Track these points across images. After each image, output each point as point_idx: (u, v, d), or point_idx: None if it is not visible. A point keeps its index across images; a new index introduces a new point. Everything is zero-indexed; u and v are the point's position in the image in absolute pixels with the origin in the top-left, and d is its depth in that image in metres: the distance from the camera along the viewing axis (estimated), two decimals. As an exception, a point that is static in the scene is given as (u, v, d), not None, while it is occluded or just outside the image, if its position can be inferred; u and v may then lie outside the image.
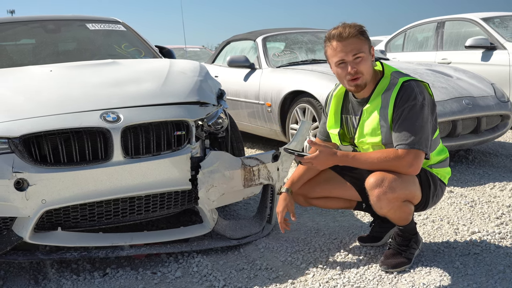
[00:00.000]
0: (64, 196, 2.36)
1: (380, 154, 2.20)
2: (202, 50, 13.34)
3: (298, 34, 5.62)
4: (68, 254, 2.48)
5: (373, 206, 2.26)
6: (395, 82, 2.26)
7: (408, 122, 2.18)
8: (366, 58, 2.23)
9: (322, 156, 2.22)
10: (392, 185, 2.16)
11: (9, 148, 2.34)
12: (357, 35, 2.22)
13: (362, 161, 2.23)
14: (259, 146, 5.66)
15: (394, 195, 2.17)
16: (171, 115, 2.59)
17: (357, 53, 2.21)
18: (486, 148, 4.85)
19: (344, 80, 2.28)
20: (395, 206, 2.22)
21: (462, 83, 4.31)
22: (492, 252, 2.51)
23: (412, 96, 2.19)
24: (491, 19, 6.25)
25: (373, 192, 2.19)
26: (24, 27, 4.12)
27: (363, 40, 2.24)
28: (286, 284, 2.34)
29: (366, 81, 2.26)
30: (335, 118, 2.46)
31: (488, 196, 3.46)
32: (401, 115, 2.19)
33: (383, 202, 2.19)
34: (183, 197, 2.66)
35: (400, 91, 2.22)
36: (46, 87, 2.81)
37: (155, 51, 4.17)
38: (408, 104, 2.19)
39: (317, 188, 2.51)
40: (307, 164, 2.27)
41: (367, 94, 2.32)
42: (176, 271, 2.51)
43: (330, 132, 2.50)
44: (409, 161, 2.16)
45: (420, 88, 2.24)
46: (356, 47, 2.21)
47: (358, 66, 2.22)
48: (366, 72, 2.24)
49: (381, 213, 2.28)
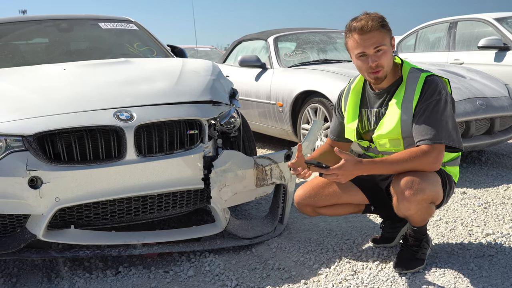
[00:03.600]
0: (78, 194, 2.37)
1: (405, 154, 2.16)
2: (212, 50, 13.38)
3: (310, 34, 5.60)
4: (81, 252, 2.49)
5: (398, 207, 2.21)
6: (417, 76, 2.25)
7: (432, 117, 2.16)
8: (387, 51, 2.22)
9: (348, 166, 2.10)
10: (421, 186, 2.14)
11: (23, 146, 2.35)
12: (379, 28, 2.19)
13: (389, 164, 2.16)
14: (270, 146, 5.65)
15: (424, 196, 2.15)
16: (184, 114, 2.59)
17: (379, 46, 2.19)
18: (500, 149, 4.81)
19: (365, 72, 2.27)
20: (423, 208, 2.19)
21: (475, 83, 4.27)
22: (507, 254, 2.49)
23: (437, 91, 2.19)
24: (504, 19, 6.20)
25: (404, 194, 2.15)
26: (37, 26, 4.14)
27: (385, 33, 2.22)
28: (299, 284, 2.33)
29: (387, 73, 2.25)
30: (354, 111, 2.42)
31: (502, 197, 3.42)
32: (426, 109, 2.18)
33: (412, 204, 2.16)
34: (195, 196, 2.66)
35: (424, 85, 2.21)
36: (60, 85, 2.82)
37: (167, 50, 4.17)
38: (434, 98, 2.18)
39: (325, 196, 2.47)
40: (331, 177, 2.13)
41: (386, 85, 2.31)
42: (189, 270, 2.50)
43: (348, 126, 2.44)
44: (435, 157, 2.15)
45: (442, 83, 2.24)
46: (377, 40, 2.19)
47: (379, 59, 2.20)
48: (386, 64, 2.23)
49: (407, 214, 2.23)
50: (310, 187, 2.50)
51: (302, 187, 2.52)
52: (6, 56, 3.76)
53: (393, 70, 2.30)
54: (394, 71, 2.30)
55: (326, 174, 2.12)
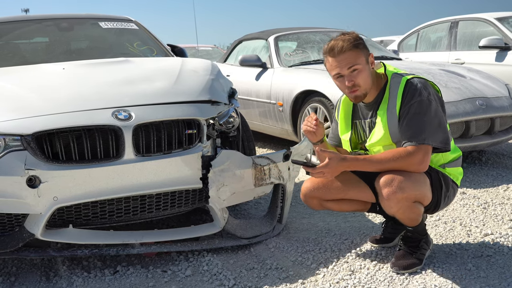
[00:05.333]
0: (76, 194, 2.37)
1: (390, 154, 2.20)
2: (214, 49, 13.37)
3: (310, 34, 5.60)
4: (79, 252, 2.49)
5: (382, 205, 2.25)
6: (398, 81, 2.27)
7: (415, 118, 2.18)
8: (362, 69, 2.24)
9: (332, 163, 2.20)
10: (401, 185, 2.15)
11: (22, 145, 2.35)
12: (351, 48, 2.22)
13: (372, 162, 2.22)
14: (270, 145, 5.65)
15: (403, 195, 2.16)
16: (182, 114, 2.59)
17: (352, 66, 2.22)
18: (500, 150, 4.80)
19: (345, 91, 2.31)
20: (404, 206, 2.20)
21: (475, 83, 4.27)
22: (505, 254, 2.48)
23: (417, 92, 2.20)
24: (505, 19, 6.18)
25: (383, 192, 2.18)
26: (38, 25, 4.15)
27: (358, 52, 2.24)
28: (296, 284, 2.33)
29: (365, 91, 2.28)
30: (346, 122, 2.46)
31: (502, 198, 3.42)
32: (408, 112, 2.19)
33: (392, 202, 2.18)
34: (193, 195, 2.66)
35: (405, 88, 2.23)
36: (59, 85, 2.82)
37: (167, 49, 4.17)
38: (415, 100, 2.19)
39: (333, 189, 2.47)
40: (318, 175, 2.24)
41: (372, 98, 2.33)
42: (186, 270, 2.51)
43: (342, 138, 2.50)
44: (420, 158, 2.17)
45: (423, 84, 2.25)
46: (350, 61, 2.22)
47: (355, 78, 2.24)
48: (363, 83, 2.25)
49: (390, 213, 2.27)
50: (319, 179, 2.50)
51: (310, 179, 2.52)
52: (6, 55, 3.77)
53: (377, 83, 2.32)
54: (378, 83, 2.33)
55: (312, 172, 2.24)
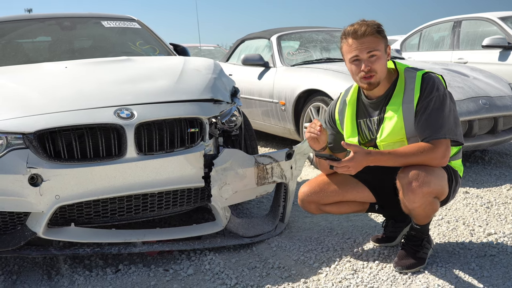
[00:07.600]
0: (78, 192, 2.37)
1: (414, 148, 2.18)
2: (216, 48, 13.36)
3: (313, 33, 5.59)
4: (81, 250, 2.49)
5: (404, 200, 2.22)
6: (413, 75, 2.26)
7: (434, 113, 2.18)
8: (381, 57, 2.22)
9: (358, 157, 2.15)
10: (427, 179, 2.14)
11: (24, 144, 2.35)
12: (374, 33, 2.21)
13: (397, 156, 2.18)
14: (273, 145, 5.65)
15: (429, 189, 2.15)
16: (185, 112, 2.59)
17: (372, 51, 2.20)
18: (503, 149, 4.78)
19: (357, 77, 2.27)
20: (427, 202, 2.19)
21: (479, 82, 4.25)
22: (508, 254, 2.47)
23: (435, 87, 2.20)
24: (509, 18, 6.16)
25: (409, 186, 2.16)
26: (40, 24, 4.15)
27: (379, 39, 2.23)
28: (298, 283, 2.32)
29: (380, 79, 2.25)
30: (352, 125, 2.41)
31: (505, 197, 3.40)
32: (427, 106, 2.19)
33: (417, 196, 2.16)
34: (196, 194, 2.66)
35: (422, 83, 2.23)
36: (61, 83, 2.82)
37: (170, 48, 4.17)
38: (433, 95, 2.19)
39: (331, 192, 2.46)
40: (342, 169, 2.17)
41: (381, 92, 2.30)
42: (188, 269, 2.50)
43: (349, 141, 2.42)
44: (443, 152, 2.17)
45: (438, 79, 2.26)
46: (371, 45, 2.20)
47: (373, 64, 2.21)
48: (380, 70, 2.23)
49: (411, 207, 2.22)
50: (315, 183, 2.50)
51: (307, 184, 2.52)
52: (9, 54, 3.77)
53: (388, 77, 2.30)
54: (388, 78, 2.31)
55: (337, 167, 2.17)
